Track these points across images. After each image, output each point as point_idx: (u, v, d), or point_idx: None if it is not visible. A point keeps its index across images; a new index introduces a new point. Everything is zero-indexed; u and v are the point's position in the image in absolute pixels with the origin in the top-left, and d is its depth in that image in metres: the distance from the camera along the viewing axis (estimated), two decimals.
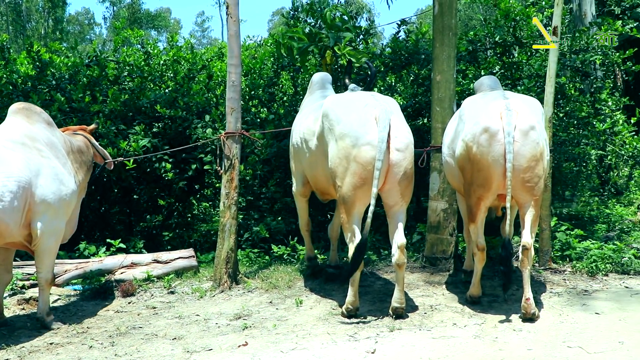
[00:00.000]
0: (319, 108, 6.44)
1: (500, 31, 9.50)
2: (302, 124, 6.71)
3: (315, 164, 6.45)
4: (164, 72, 9.76)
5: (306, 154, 6.59)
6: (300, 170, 6.99)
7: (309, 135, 6.45)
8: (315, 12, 9.51)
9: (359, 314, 5.93)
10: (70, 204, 5.90)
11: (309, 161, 6.61)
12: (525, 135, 5.66)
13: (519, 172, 5.64)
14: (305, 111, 7.01)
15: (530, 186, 5.72)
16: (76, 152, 6.36)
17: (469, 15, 35.06)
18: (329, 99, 6.27)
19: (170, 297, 6.84)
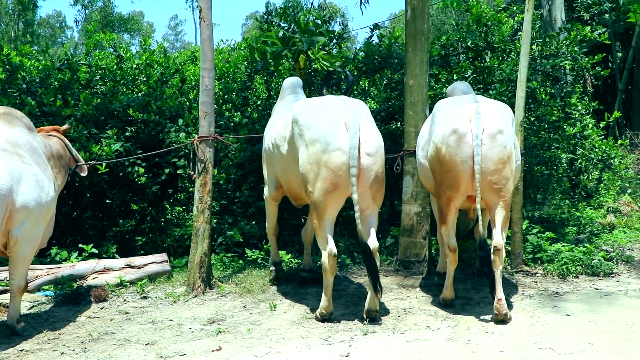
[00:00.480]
0: (287, 112, 6.46)
1: (472, 36, 9.59)
2: (274, 129, 6.71)
3: (287, 168, 6.44)
4: (137, 75, 9.70)
5: (278, 158, 6.59)
6: (273, 175, 6.98)
7: (280, 140, 6.45)
8: (289, 16, 9.53)
9: (333, 317, 5.94)
10: (49, 211, 5.82)
11: (281, 166, 6.60)
12: (493, 139, 5.76)
13: (487, 174, 5.74)
14: (276, 116, 7.02)
15: (498, 188, 5.82)
16: (56, 157, 6.31)
17: (441, 20, 35.29)
18: (299, 104, 6.28)
19: (144, 302, 6.80)
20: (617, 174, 11.33)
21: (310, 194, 5.81)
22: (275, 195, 7.10)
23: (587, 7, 18.56)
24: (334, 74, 9.43)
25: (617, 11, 18.76)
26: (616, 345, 5.11)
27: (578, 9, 18.61)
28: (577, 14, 18.55)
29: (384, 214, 9.53)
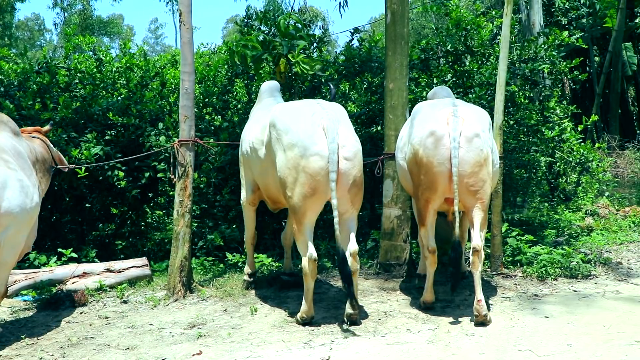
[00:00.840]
0: (265, 116, 6.46)
1: (452, 40, 9.65)
2: (251, 132, 6.70)
3: (265, 172, 6.44)
4: (117, 79, 9.66)
5: (256, 162, 6.58)
6: (250, 179, 6.96)
7: (258, 143, 6.44)
8: (269, 20, 9.53)
9: (314, 321, 5.95)
10: (33, 217, 5.75)
11: (259, 169, 6.59)
12: (470, 142, 5.83)
13: (464, 177, 5.81)
14: (254, 119, 7.00)
15: (475, 190, 5.88)
16: (40, 162, 6.26)
17: (421, 24, 35.47)
18: (277, 108, 6.28)
19: (123, 307, 6.76)
20: (595, 177, 11.45)
21: (289, 199, 5.81)
22: (252, 199, 7.08)
23: (565, 12, 18.77)
24: (316, 78, 9.46)
25: (594, 16, 19.01)
26: (594, 346, 5.16)
27: (556, 14, 18.82)
28: (555, 19, 18.76)
29: (365, 217, 9.56)
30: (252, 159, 6.67)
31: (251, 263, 7.43)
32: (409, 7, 8.20)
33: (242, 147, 6.98)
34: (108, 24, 54.70)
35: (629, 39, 20.41)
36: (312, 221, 5.89)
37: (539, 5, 13.99)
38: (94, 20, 52.99)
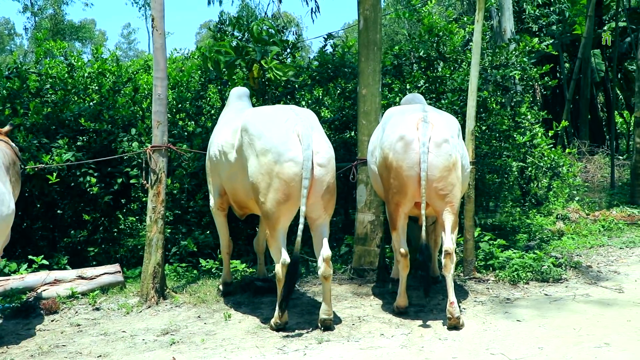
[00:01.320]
0: (235, 120, 6.46)
1: (425, 46, 9.72)
2: (220, 136, 6.66)
3: (234, 177, 6.40)
4: (89, 84, 9.59)
5: (225, 166, 6.54)
6: (218, 183, 6.91)
7: (228, 147, 6.41)
8: (242, 25, 9.52)
9: (288, 326, 5.95)
10: (9, 224, 5.67)
11: (227, 174, 6.55)
12: (439, 147, 5.90)
13: (432, 181, 5.88)
14: (222, 123, 6.98)
15: (444, 194, 5.96)
16: (11, 166, 6.16)
17: (394, 30, 35.65)
18: (249, 112, 6.28)
19: (96, 314, 6.71)
20: (566, 181, 11.58)
21: (262, 204, 5.81)
22: (220, 204, 7.01)
23: (536, 19, 19.01)
24: (289, 84, 9.47)
25: (563, 23, 19.28)
26: (564, 349, 5.23)
27: (527, 21, 19.06)
28: (526, 26, 18.99)
29: (339, 222, 9.59)
30: (220, 163, 6.63)
31: (227, 273, 7.37)
32: (382, 13, 8.25)
33: (210, 151, 6.93)
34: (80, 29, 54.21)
35: (598, 46, 20.70)
36: (285, 227, 5.91)
37: (510, 12, 14.14)
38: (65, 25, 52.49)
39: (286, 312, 5.94)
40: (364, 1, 7.80)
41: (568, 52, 20.93)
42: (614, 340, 5.41)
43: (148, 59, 11.79)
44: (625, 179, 15.41)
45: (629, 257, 8.71)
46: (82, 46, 53.08)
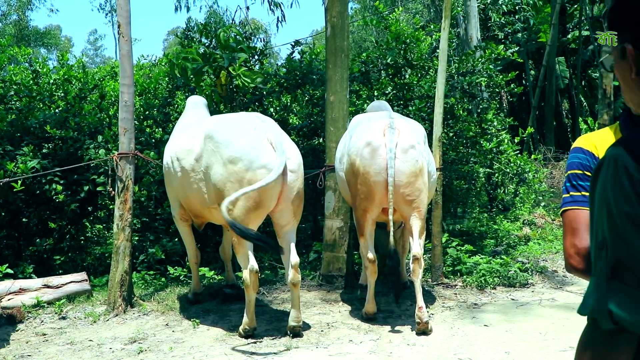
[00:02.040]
0: (193, 128, 6.42)
1: (392, 53, 9.79)
2: (176, 144, 6.57)
3: (188, 185, 6.31)
4: (54, 91, 9.50)
5: (178, 175, 6.44)
6: (174, 193, 6.84)
7: (183, 154, 6.32)
8: (210, 32, 9.52)
9: (257, 333, 5.94)
10: None
11: (181, 183, 6.46)
12: (405, 153, 5.95)
13: (399, 187, 5.92)
14: (178, 130, 6.91)
15: (411, 200, 6.00)
16: None
17: (362, 37, 35.80)
18: (212, 120, 6.23)
19: (62, 323, 6.63)
20: (532, 187, 11.73)
21: (229, 212, 5.77)
22: (181, 214, 6.89)
23: (501, 27, 19.24)
24: (257, 90, 9.47)
25: (528, 31, 19.54)
26: (530, 353, 5.30)
27: (493, 29, 19.27)
28: (492, 33, 19.20)
29: (307, 229, 9.60)
30: (173, 171, 6.53)
31: (197, 282, 7.29)
32: (350, 20, 8.30)
33: (164, 160, 6.83)
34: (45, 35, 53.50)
35: (562, 54, 21.02)
36: None
37: (476, 20, 14.31)
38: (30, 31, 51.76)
39: (255, 318, 5.93)
40: (331, 8, 7.85)
41: (533, 59, 21.20)
42: None
43: (115, 66, 11.71)
44: None
45: None
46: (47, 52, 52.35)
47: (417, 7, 28.69)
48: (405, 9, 26.03)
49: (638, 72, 1.52)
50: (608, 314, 1.37)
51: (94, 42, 64.62)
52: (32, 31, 52.20)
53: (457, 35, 16.28)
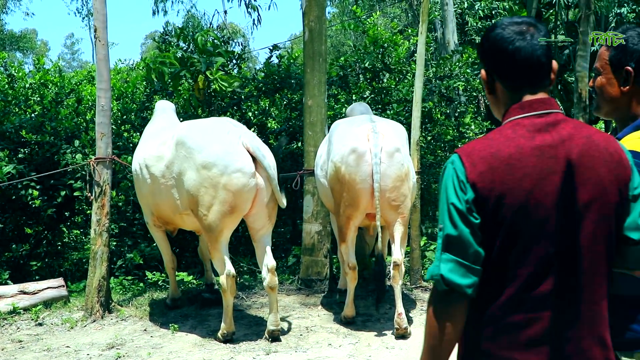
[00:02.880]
0: (162, 134, 6.39)
1: (370, 57, 9.82)
2: (143, 151, 6.53)
3: (159, 192, 6.28)
4: (30, 95, 9.42)
5: (147, 182, 6.40)
6: (144, 200, 6.77)
7: (152, 161, 6.27)
8: (187, 36, 9.50)
9: (235, 338, 5.93)
10: None
11: (151, 190, 6.42)
12: (391, 157, 5.91)
13: (385, 191, 5.88)
14: (146, 137, 6.84)
15: (397, 205, 5.97)
16: None
17: (340, 41, 35.84)
18: (184, 126, 6.18)
19: (38, 329, 6.57)
20: None
21: (203, 217, 5.72)
22: (153, 220, 6.83)
23: (478, 31, 19.34)
24: (235, 95, 9.46)
25: None
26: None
27: (470, 33, 19.38)
28: (469, 37, 19.31)
29: (286, 233, 9.60)
30: (142, 178, 6.49)
31: (174, 288, 7.24)
32: (327, 25, 8.32)
33: (133, 167, 6.78)
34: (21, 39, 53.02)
35: None
36: (227, 238, 5.89)
37: (454, 25, 14.40)
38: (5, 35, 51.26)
39: (233, 323, 5.92)
40: (309, 13, 7.86)
41: None
42: None
43: (92, 70, 11.65)
44: None
45: None
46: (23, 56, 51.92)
47: (395, 11, 28.80)
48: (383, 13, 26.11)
49: (489, 91, 2.11)
50: (441, 278, 1.88)
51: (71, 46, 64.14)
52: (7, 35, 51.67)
53: (434, 40, 16.37)
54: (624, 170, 1.94)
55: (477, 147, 1.95)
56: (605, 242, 1.92)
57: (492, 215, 1.88)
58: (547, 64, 2.01)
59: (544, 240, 1.88)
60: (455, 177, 1.93)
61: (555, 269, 1.89)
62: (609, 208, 1.92)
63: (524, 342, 1.89)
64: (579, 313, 1.91)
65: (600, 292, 1.93)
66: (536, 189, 1.87)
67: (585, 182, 1.89)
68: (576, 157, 1.89)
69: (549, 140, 1.91)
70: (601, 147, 1.93)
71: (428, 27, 8.13)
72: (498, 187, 1.87)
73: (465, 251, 1.88)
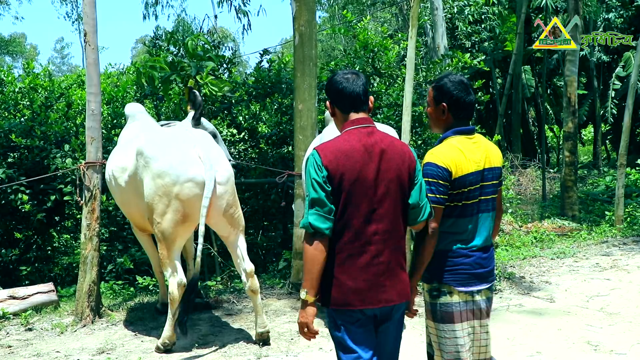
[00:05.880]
0: (126, 144, 6.38)
1: (360, 61, 9.84)
2: (112, 161, 6.57)
3: (127, 201, 6.34)
4: (20, 100, 9.40)
5: (116, 191, 6.46)
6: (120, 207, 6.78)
7: (118, 171, 6.32)
8: (178, 40, 9.49)
9: (226, 342, 5.92)
10: None
11: (120, 199, 6.50)
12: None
13: None
14: (118, 145, 6.83)
15: None
16: None
17: (331, 46, 35.95)
18: (143, 136, 6.14)
19: (28, 335, 6.54)
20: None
21: (157, 225, 5.69)
22: (135, 226, 6.86)
23: (468, 36, 19.44)
24: (225, 99, 9.46)
25: (495, 40, 19.77)
26: (498, 358, 5.33)
27: (460, 37, 19.46)
28: (459, 42, 19.40)
29: (277, 237, 9.60)
30: (114, 187, 6.53)
31: (165, 293, 7.13)
32: (318, 29, 8.33)
33: (106, 176, 6.79)
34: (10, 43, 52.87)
35: (528, 62, 21.32)
36: (181, 246, 5.87)
37: (443, 29, 14.44)
38: None
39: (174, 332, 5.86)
40: (299, 17, 7.87)
41: (500, 68, 21.47)
42: (546, 349, 5.57)
43: (81, 74, 11.63)
44: (556, 191, 15.85)
45: (559, 267, 8.96)
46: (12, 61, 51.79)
47: (385, 16, 28.89)
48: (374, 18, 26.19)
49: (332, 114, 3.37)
50: (309, 225, 3.05)
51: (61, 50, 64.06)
52: None
53: (424, 44, 16.44)
54: (411, 162, 3.24)
55: (328, 145, 3.17)
56: (402, 204, 3.20)
57: (337, 186, 3.08)
58: (365, 97, 3.29)
59: (367, 202, 3.11)
60: (314, 163, 3.11)
61: (376, 219, 3.12)
62: (403, 183, 3.19)
63: (357, 267, 3.11)
64: (390, 247, 3.17)
65: (401, 234, 3.22)
66: (363, 170, 3.11)
67: (390, 167, 3.16)
68: (385, 151, 3.18)
69: (369, 142, 3.19)
70: (398, 147, 3.26)
71: (418, 31, 8.14)
72: (340, 169, 3.08)
73: (323, 207, 3.06)
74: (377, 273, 3.12)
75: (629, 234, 11.10)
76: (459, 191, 3.39)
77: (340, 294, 3.13)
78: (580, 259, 9.36)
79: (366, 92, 3.28)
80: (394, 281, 3.18)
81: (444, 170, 3.37)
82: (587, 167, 21.62)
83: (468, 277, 3.43)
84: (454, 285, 3.42)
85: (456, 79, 3.54)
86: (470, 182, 3.41)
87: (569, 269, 8.82)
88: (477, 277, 3.45)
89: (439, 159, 3.41)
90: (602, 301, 7.17)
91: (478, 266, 3.45)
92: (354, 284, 3.10)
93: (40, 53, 69.91)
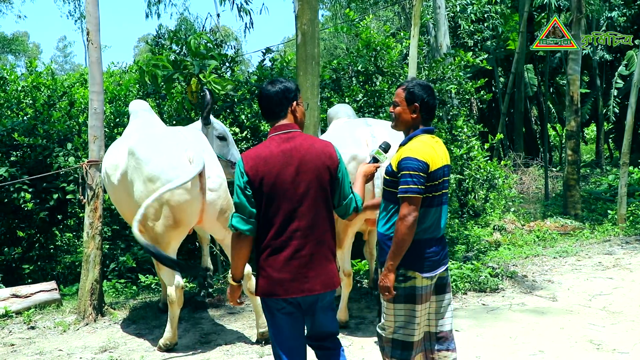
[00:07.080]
0: (124, 142, 6.29)
1: (363, 60, 9.82)
2: (106, 159, 6.48)
3: (119, 199, 6.25)
4: (22, 98, 9.41)
5: (110, 190, 6.39)
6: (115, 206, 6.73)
7: (111, 169, 6.22)
8: (180, 39, 9.48)
9: (228, 341, 5.93)
10: None
11: (114, 198, 6.43)
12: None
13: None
14: (115, 143, 6.69)
15: None
16: None
17: (333, 44, 35.90)
18: (135, 136, 6.06)
19: (31, 333, 6.56)
20: (502, 193, 11.83)
21: (150, 229, 5.64)
22: None
23: (471, 34, 19.41)
24: (228, 98, 9.45)
25: (497, 39, 19.75)
26: (501, 357, 5.35)
27: (462, 36, 19.43)
28: (461, 41, 19.37)
29: None
30: (108, 185, 6.45)
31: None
32: (320, 28, 8.32)
33: (102, 175, 6.74)
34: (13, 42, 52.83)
35: (530, 61, 21.29)
36: (175, 249, 5.81)
37: (446, 28, 14.42)
38: None
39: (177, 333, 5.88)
40: (301, 16, 7.85)
41: (502, 66, 21.45)
42: (548, 348, 5.56)
43: (84, 73, 11.64)
44: (558, 190, 15.82)
45: (562, 266, 8.94)
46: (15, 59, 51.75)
47: (388, 14, 28.87)
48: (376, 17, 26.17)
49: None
50: (232, 227, 3.44)
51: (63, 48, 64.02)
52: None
53: (427, 43, 16.43)
54: (332, 162, 3.50)
55: (251, 152, 3.48)
56: (324, 202, 3.50)
57: (257, 190, 3.40)
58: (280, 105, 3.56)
59: (287, 202, 3.40)
60: (238, 169, 3.45)
61: (297, 217, 3.42)
62: (324, 182, 3.47)
63: (281, 260, 3.43)
64: (313, 241, 3.45)
65: (324, 229, 3.51)
66: (281, 174, 3.39)
67: (308, 169, 3.43)
68: (303, 155, 3.44)
69: (288, 147, 3.45)
70: (318, 149, 3.49)
71: (420, 30, 8.14)
72: (260, 174, 3.39)
73: (244, 211, 3.42)
74: (299, 265, 3.44)
75: (632, 232, 11.07)
76: (431, 184, 3.68)
77: (267, 285, 3.47)
78: (583, 258, 9.34)
79: (282, 100, 3.56)
80: (318, 272, 3.47)
81: (424, 164, 3.63)
82: (590, 166, 21.57)
83: (432, 264, 3.75)
84: (419, 272, 3.71)
85: (424, 84, 3.89)
86: (439, 176, 3.73)
87: (572, 267, 8.81)
88: (438, 263, 3.79)
89: (418, 154, 3.66)
90: (604, 300, 7.15)
91: (439, 253, 3.80)
92: (278, 276, 3.43)
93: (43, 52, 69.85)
